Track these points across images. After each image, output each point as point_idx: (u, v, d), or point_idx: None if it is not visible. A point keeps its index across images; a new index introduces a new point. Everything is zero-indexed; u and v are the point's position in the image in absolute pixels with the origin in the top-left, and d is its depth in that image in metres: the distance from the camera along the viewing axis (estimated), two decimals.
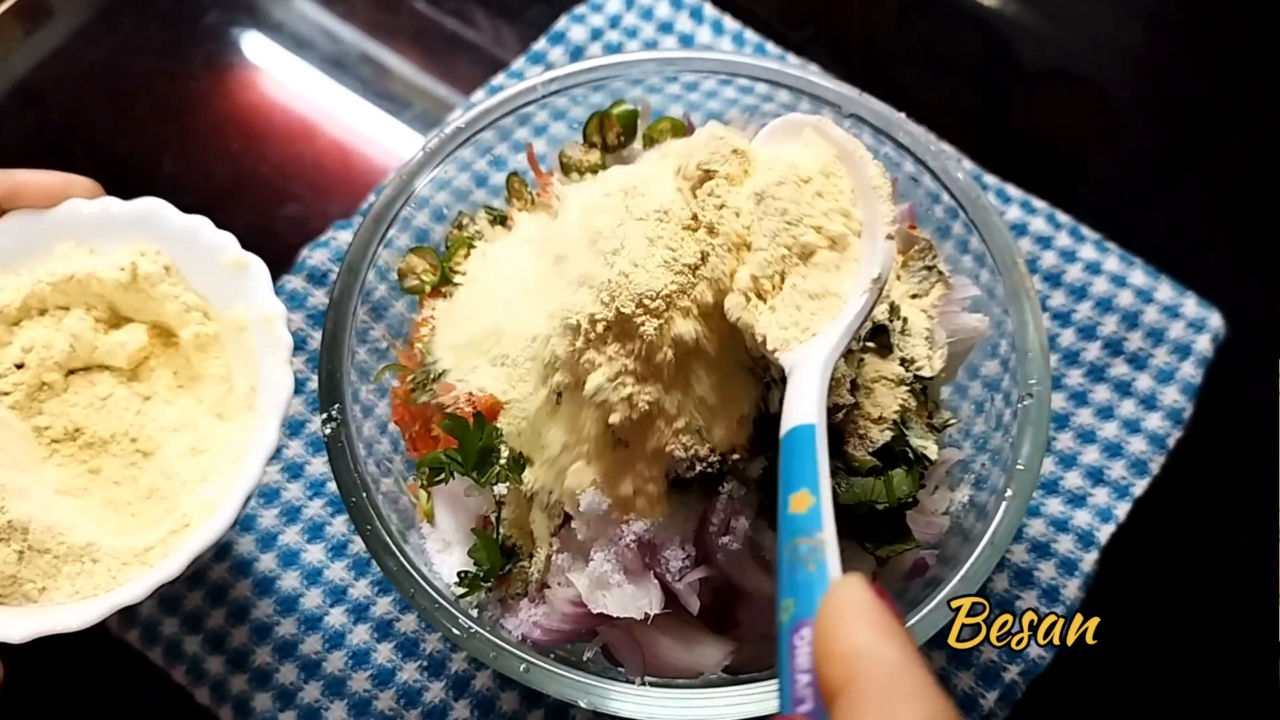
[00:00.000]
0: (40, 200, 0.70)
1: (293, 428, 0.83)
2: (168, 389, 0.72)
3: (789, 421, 0.50)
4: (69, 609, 0.62)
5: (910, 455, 0.65)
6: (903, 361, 0.67)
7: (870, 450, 0.64)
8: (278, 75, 1.01)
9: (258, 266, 0.69)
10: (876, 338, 0.67)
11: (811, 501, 0.45)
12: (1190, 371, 0.84)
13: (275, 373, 0.67)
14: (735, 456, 0.60)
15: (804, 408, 0.51)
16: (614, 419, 0.59)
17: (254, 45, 1.03)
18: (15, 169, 0.70)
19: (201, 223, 0.70)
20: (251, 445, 0.65)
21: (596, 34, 0.99)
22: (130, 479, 0.69)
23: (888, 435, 0.65)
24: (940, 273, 0.72)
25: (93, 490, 0.68)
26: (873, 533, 0.65)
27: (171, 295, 0.71)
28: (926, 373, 0.67)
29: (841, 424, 0.64)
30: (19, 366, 0.69)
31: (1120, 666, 0.78)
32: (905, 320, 0.69)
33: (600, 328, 0.58)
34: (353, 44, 1.03)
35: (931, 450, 0.65)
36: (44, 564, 0.63)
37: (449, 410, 0.66)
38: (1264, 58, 1.02)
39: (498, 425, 0.65)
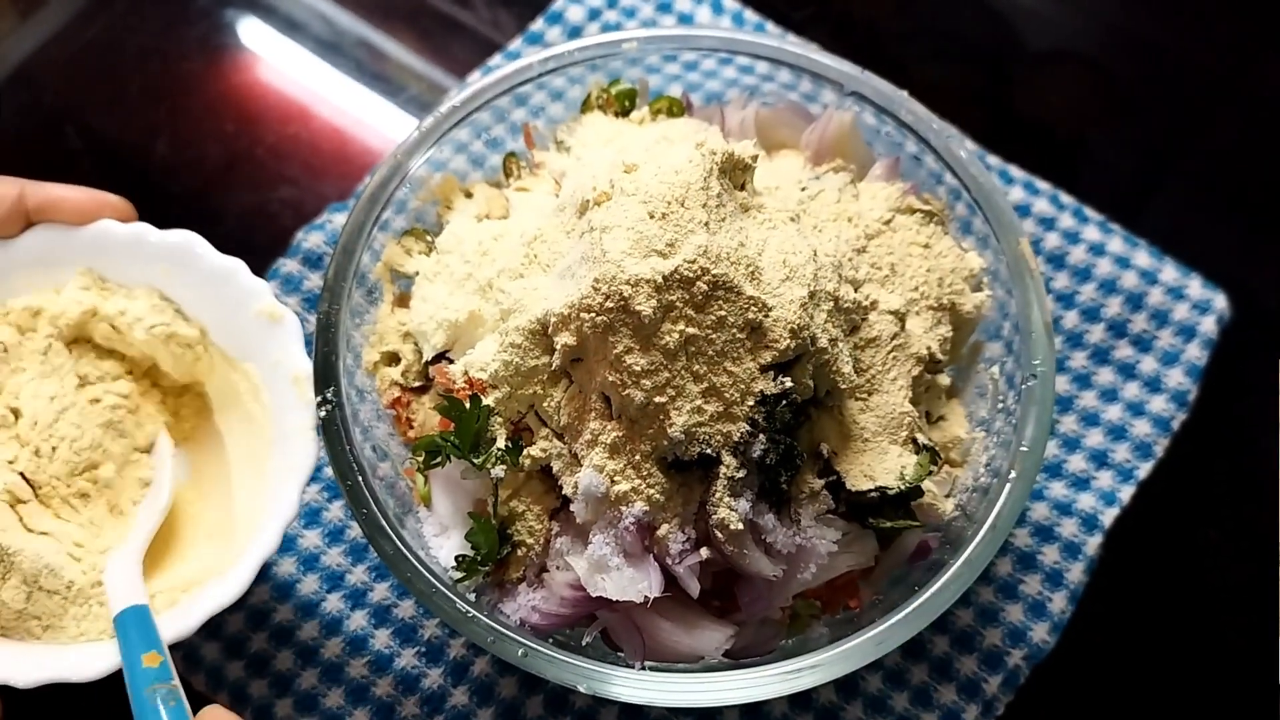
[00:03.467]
0: (72, 217, 0.68)
1: None
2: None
3: (119, 605, 0.62)
4: (76, 653, 0.61)
5: (919, 442, 0.65)
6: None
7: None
8: (272, 57, 1.00)
9: (291, 321, 0.67)
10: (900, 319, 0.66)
11: (161, 659, 0.58)
12: (1195, 353, 0.84)
13: (299, 436, 0.65)
14: (735, 437, 0.59)
15: (130, 593, 0.62)
16: (615, 401, 0.59)
17: (248, 27, 1.02)
18: (49, 182, 0.68)
19: (237, 266, 0.67)
20: (271, 509, 0.64)
21: (594, 14, 0.98)
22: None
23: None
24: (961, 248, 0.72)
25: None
26: (876, 513, 0.64)
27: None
28: (939, 355, 0.67)
29: (841, 404, 0.64)
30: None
31: (1123, 650, 0.78)
32: (904, 322, 0.67)
33: (603, 306, 0.58)
34: (347, 26, 1.02)
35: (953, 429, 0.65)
36: (52, 605, 0.63)
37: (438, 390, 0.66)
38: (1269, 37, 1.01)
39: (489, 404, 0.64)
